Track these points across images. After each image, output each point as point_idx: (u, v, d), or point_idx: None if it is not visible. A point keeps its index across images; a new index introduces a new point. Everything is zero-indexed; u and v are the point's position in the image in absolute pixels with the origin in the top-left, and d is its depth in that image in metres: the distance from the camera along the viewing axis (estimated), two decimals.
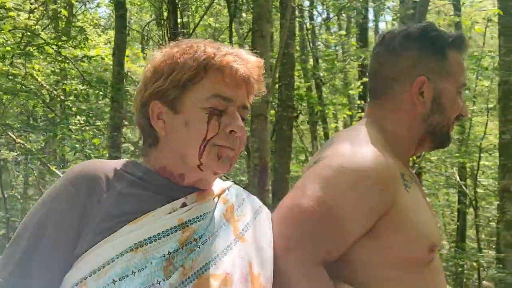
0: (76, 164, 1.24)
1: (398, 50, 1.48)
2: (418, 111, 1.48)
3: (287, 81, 6.56)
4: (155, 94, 1.20)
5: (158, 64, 1.21)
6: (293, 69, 6.74)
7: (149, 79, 1.21)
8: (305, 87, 10.44)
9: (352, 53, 10.75)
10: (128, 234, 1.11)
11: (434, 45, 1.48)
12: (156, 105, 1.20)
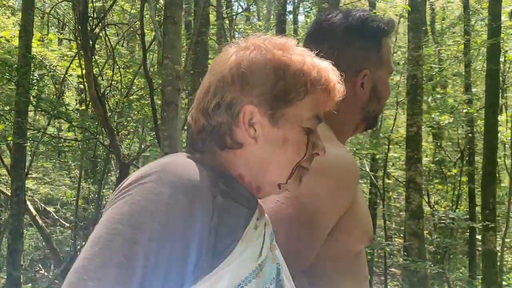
0: (161, 163, 1.01)
1: (339, 44, 1.46)
2: (358, 101, 1.49)
3: (201, 70, 6.50)
4: (253, 99, 1.07)
5: (259, 65, 1.07)
6: (207, 57, 6.69)
7: (246, 79, 1.06)
8: None
9: None
10: (242, 255, 0.99)
11: (374, 37, 1.49)
12: (251, 110, 1.07)
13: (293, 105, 1.08)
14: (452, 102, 12.09)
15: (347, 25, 1.46)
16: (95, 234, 0.93)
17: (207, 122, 1.09)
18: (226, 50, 1.13)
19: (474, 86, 13.80)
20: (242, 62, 1.07)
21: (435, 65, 12.06)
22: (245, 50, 1.09)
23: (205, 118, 1.09)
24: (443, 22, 16.86)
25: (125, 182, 1.00)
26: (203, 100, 1.09)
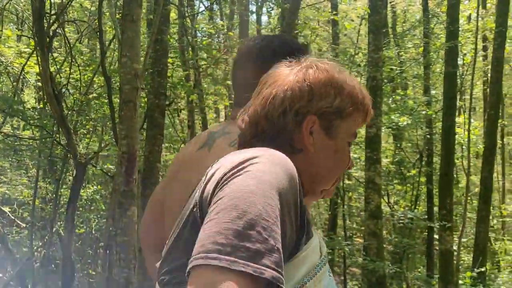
0: (260, 150, 1.09)
1: (266, 64, 1.50)
2: None
3: (160, 68, 6.44)
4: (317, 110, 1.20)
5: (323, 82, 1.21)
6: (166, 56, 6.63)
7: (311, 92, 1.20)
8: (183, 75, 10.34)
9: (232, 44, 10.78)
10: (313, 241, 1.10)
11: (287, 55, 1.48)
12: (313, 120, 1.20)
13: (344, 120, 1.23)
14: (411, 103, 12.27)
15: (272, 48, 1.60)
16: (226, 206, 0.95)
17: (270, 127, 1.20)
18: (281, 67, 1.27)
19: (434, 88, 14.05)
20: (308, 77, 1.21)
21: (395, 67, 12.22)
22: (308, 68, 1.23)
23: (269, 122, 1.20)
24: (404, 25, 17.11)
25: (228, 165, 1.05)
26: (267, 107, 1.19)
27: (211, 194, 1.01)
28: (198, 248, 0.92)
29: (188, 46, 9.90)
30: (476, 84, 17.90)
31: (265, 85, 1.24)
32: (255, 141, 1.20)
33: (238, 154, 1.09)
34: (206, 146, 1.61)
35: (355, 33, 15.11)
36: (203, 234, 0.93)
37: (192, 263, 0.90)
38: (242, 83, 1.64)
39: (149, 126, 6.41)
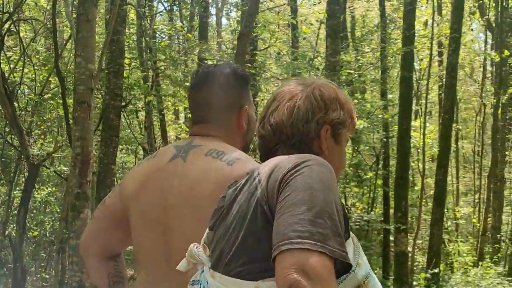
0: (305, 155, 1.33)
1: (224, 86, 1.82)
2: (242, 132, 1.85)
3: (116, 69, 6.36)
4: (330, 121, 1.48)
5: (333, 99, 1.50)
6: (122, 57, 6.55)
7: (327, 106, 1.48)
8: (141, 77, 10.25)
9: (191, 46, 10.74)
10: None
11: (246, 82, 1.88)
12: (327, 129, 1.48)
13: (345, 129, 1.53)
14: (369, 107, 12.43)
15: (226, 73, 1.84)
16: (295, 201, 1.15)
17: (295, 134, 1.45)
18: (292, 85, 1.53)
19: (390, 92, 14.26)
20: (323, 94, 1.49)
21: (352, 71, 12.36)
22: (320, 86, 1.51)
23: (294, 130, 1.45)
24: (363, 29, 17.33)
25: (283, 168, 1.24)
26: (293, 117, 1.45)
27: (276, 193, 1.20)
28: (281, 236, 1.11)
29: (146, 47, 9.82)
30: (432, 88, 18.28)
31: (283, 100, 1.49)
32: (280, 146, 1.47)
33: (286, 158, 1.30)
34: (179, 157, 1.75)
35: (315, 37, 15.24)
36: (282, 225, 1.13)
37: (279, 249, 1.09)
38: (201, 103, 1.83)
39: (104, 127, 6.33)
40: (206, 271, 1.32)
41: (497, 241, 16.84)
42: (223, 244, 1.28)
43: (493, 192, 16.86)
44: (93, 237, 1.91)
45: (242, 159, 1.68)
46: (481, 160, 19.17)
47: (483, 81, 19.06)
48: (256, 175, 1.30)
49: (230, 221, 1.29)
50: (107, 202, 1.90)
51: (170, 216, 1.68)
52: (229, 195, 1.37)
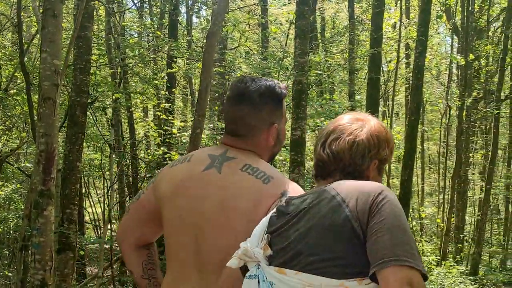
0: (379, 185, 1.65)
1: (258, 104, 2.00)
2: (269, 145, 2.05)
3: (83, 65, 6.30)
4: (380, 157, 1.79)
5: (383, 138, 1.81)
6: (89, 53, 6.49)
7: (378, 144, 1.78)
8: (110, 73, 10.17)
9: (160, 43, 10.69)
10: None
11: (279, 100, 2.04)
12: (376, 164, 1.79)
13: (386, 164, 1.87)
14: (337, 108, 12.53)
15: (261, 92, 2.01)
16: (396, 220, 1.51)
17: (352, 164, 1.75)
18: (348, 121, 1.82)
19: (359, 93, 14.43)
20: (379, 135, 1.79)
21: (320, 72, 12.44)
22: (374, 125, 1.81)
23: (352, 161, 1.75)
24: (333, 31, 17.47)
25: (370, 193, 1.57)
26: (352, 150, 1.75)
27: (369, 216, 1.52)
28: (388, 253, 1.44)
29: (115, 44, 9.75)
30: (399, 90, 18.55)
31: (344, 133, 1.77)
32: (337, 171, 1.76)
33: (365, 184, 1.64)
34: (213, 167, 1.97)
35: (285, 37, 15.31)
36: (384, 244, 1.46)
37: (389, 263, 1.43)
38: (236, 118, 2.04)
39: (70, 124, 6.26)
40: (265, 267, 1.62)
41: (460, 241, 17.19)
42: (299, 246, 1.59)
43: (457, 192, 17.20)
44: (129, 229, 2.18)
45: (275, 178, 1.91)
46: (445, 161, 19.55)
47: (449, 84, 19.39)
48: (335, 194, 1.60)
49: (306, 228, 1.60)
50: (141, 198, 2.16)
51: (203, 222, 1.90)
52: (295, 205, 1.68)
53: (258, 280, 1.62)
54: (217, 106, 12.01)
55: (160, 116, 10.70)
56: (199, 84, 7.07)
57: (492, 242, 23.78)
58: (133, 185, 10.81)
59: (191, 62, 11.28)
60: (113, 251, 7.68)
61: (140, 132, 13.32)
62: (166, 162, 9.47)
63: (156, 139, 11.01)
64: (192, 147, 6.89)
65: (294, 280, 1.55)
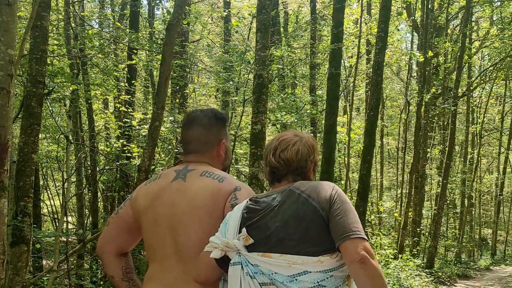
0: (328, 183, 2.21)
1: (208, 126, 2.51)
2: (221, 159, 2.54)
3: (39, 56, 6.17)
4: (315, 160, 2.33)
5: (315, 145, 2.36)
6: (45, 43, 6.36)
7: (314, 151, 2.33)
8: (68, 64, 10.01)
9: (120, 35, 10.56)
10: None
11: (222, 122, 2.56)
12: (313, 166, 2.33)
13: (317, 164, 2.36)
14: (298, 102, 12.61)
15: (209, 116, 2.53)
16: (348, 206, 2.08)
17: (299, 167, 2.26)
18: (290, 135, 2.34)
19: (320, 88, 14.54)
20: (312, 144, 2.32)
21: (280, 66, 12.49)
22: (308, 137, 2.35)
23: (299, 165, 2.25)
24: (296, 25, 17.54)
25: (327, 190, 2.12)
26: (299, 156, 2.26)
27: (330, 205, 2.05)
28: (347, 230, 1.98)
29: (73, 34, 9.59)
30: (359, 86, 18.77)
31: (289, 144, 2.27)
32: (288, 174, 2.26)
33: (321, 183, 2.17)
34: (179, 178, 2.42)
35: (247, 30, 15.31)
36: (344, 224, 2.00)
37: (348, 237, 1.96)
38: (190, 139, 2.51)
39: (25, 115, 6.12)
40: (246, 254, 2.07)
41: (417, 235, 17.53)
42: (281, 234, 2.05)
43: (414, 187, 17.52)
44: (109, 239, 2.55)
45: (227, 178, 2.39)
46: (404, 156, 19.87)
47: (409, 80, 19.71)
48: (300, 192, 2.12)
49: (284, 219, 2.07)
50: (120, 212, 2.55)
51: (177, 222, 2.32)
52: (266, 202, 2.16)
53: (242, 266, 2.06)
54: (178, 99, 11.94)
55: (119, 108, 10.59)
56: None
57: (448, 235, 24.35)
58: (92, 177, 10.68)
59: (152, 54, 11.18)
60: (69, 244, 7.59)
61: (100, 124, 13.16)
62: (125, 155, 9.39)
63: (116, 131, 10.90)
64: (151, 140, 6.85)
65: (279, 260, 2.02)
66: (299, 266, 2.00)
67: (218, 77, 13.79)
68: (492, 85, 23.85)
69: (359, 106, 24.32)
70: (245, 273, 2.05)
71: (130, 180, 9.47)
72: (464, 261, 21.01)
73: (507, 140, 27.46)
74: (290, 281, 1.99)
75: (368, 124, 11.49)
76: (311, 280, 1.99)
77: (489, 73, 20.91)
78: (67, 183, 6.86)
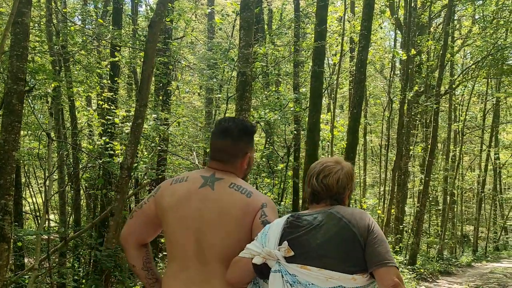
0: (360, 211, 2.52)
1: (237, 139, 2.69)
2: (243, 170, 2.75)
3: (20, 52, 6.12)
4: (351, 188, 2.60)
5: (351, 174, 2.64)
6: (27, 39, 6.30)
7: (351, 179, 2.62)
8: (50, 61, 9.92)
9: (103, 31, 10.50)
10: None
11: (251, 135, 2.77)
12: (349, 193, 2.61)
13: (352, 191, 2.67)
14: (282, 100, 12.62)
15: (239, 129, 2.71)
16: (382, 236, 2.38)
17: (338, 193, 2.52)
18: (331, 163, 2.59)
19: (304, 86, 14.56)
20: (351, 173, 2.59)
21: (264, 64, 12.50)
22: (347, 165, 2.60)
23: (338, 190, 2.52)
24: (280, 23, 17.54)
25: (365, 218, 2.41)
26: (339, 184, 2.53)
27: (368, 233, 2.34)
28: (382, 258, 2.29)
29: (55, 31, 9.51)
30: (343, 83, 18.83)
31: (331, 172, 2.53)
32: (327, 198, 2.51)
33: (357, 210, 2.47)
34: (207, 185, 2.63)
35: (231, 28, 15.29)
36: (382, 252, 2.30)
37: (385, 264, 2.28)
38: (219, 148, 2.70)
39: (6, 112, 6.07)
40: (285, 264, 2.33)
41: (399, 232, 17.65)
42: (321, 252, 2.32)
43: (397, 184, 17.63)
44: (132, 231, 2.77)
45: (254, 192, 2.62)
46: (387, 153, 19.98)
47: (392, 78, 19.82)
48: (341, 217, 2.38)
49: (325, 238, 2.33)
50: (144, 207, 2.75)
51: (204, 226, 2.54)
52: (308, 221, 2.41)
53: (282, 274, 2.33)
54: (161, 96, 11.90)
55: (102, 106, 10.52)
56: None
57: (430, 232, 24.54)
58: (74, 175, 10.62)
59: (135, 51, 11.12)
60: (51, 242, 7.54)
61: (82, 121, 13.07)
62: (108, 152, 9.34)
63: (98, 128, 10.83)
64: (133, 137, 6.83)
65: (318, 274, 2.30)
66: (335, 281, 2.29)
67: (202, 75, 13.77)
68: (474, 83, 24.05)
69: (342, 103, 24.40)
70: (284, 281, 2.33)
71: (113, 177, 9.43)
72: (446, 258, 21.19)
73: (488, 137, 27.75)
74: None
75: (351, 122, 11.52)
76: None
77: (471, 71, 21.08)
78: (48, 181, 6.81)
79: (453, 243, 25.15)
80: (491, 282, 15.10)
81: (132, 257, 2.79)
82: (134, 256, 2.79)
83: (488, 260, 23.29)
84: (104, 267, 6.32)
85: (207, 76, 12.97)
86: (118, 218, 6.49)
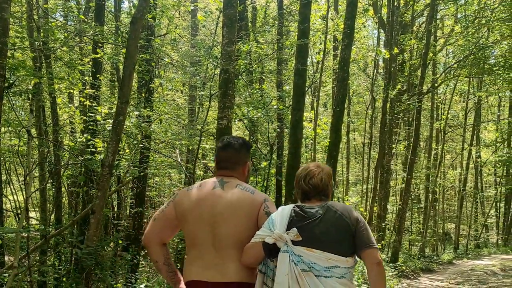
0: (344, 205, 3.15)
1: (238, 150, 3.33)
2: (244, 176, 3.36)
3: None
4: (332, 185, 3.29)
5: (331, 173, 3.31)
6: (6, 35, 6.24)
7: (331, 178, 3.26)
8: (31, 57, 9.82)
9: (84, 27, 10.40)
10: None
11: (249, 149, 3.40)
12: (331, 188, 3.28)
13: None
14: (265, 97, 12.61)
15: (240, 143, 3.37)
16: (367, 225, 3.06)
17: (324, 190, 3.15)
18: (313, 167, 3.24)
19: (287, 84, 14.56)
20: (330, 172, 3.23)
21: (247, 61, 12.47)
22: (325, 168, 3.24)
23: (323, 188, 3.15)
24: (264, 21, 17.51)
25: (349, 211, 3.05)
26: (323, 182, 3.15)
27: (356, 223, 2.97)
28: (368, 241, 2.97)
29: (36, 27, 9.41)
30: (326, 82, 18.87)
31: (315, 174, 3.16)
32: (316, 195, 3.12)
33: (342, 205, 3.09)
34: (218, 187, 3.21)
35: (214, 25, 15.24)
36: (368, 237, 2.98)
37: (370, 246, 2.96)
38: (225, 159, 3.31)
39: None
40: (292, 246, 2.92)
41: (382, 229, 17.75)
42: (324, 238, 2.93)
43: (379, 182, 17.72)
44: (155, 232, 3.27)
45: (255, 190, 3.23)
46: (370, 152, 20.06)
47: (375, 76, 19.90)
48: (336, 210, 3.01)
49: (326, 227, 2.95)
50: (165, 211, 3.28)
51: (218, 219, 3.10)
52: (311, 213, 3.01)
53: (289, 254, 2.91)
54: (144, 93, 11.83)
55: (84, 103, 10.44)
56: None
57: (412, 230, 24.72)
58: (55, 172, 10.52)
59: (117, 48, 11.04)
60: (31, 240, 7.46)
61: (64, 118, 12.96)
62: (89, 150, 9.27)
63: (80, 125, 10.74)
64: (115, 135, 6.78)
65: (320, 255, 2.90)
66: (333, 261, 2.91)
67: (185, 72, 13.72)
68: (456, 82, 24.25)
69: (326, 102, 24.48)
70: (290, 260, 2.90)
71: (95, 175, 9.36)
72: (427, 255, 21.36)
73: (470, 136, 27.99)
74: (324, 270, 2.90)
75: (334, 120, 11.54)
76: (339, 272, 2.93)
77: (453, 70, 21.24)
78: (28, 178, 6.74)
79: (435, 241, 25.36)
80: (472, 279, 15.23)
81: (155, 254, 3.29)
82: (157, 253, 3.29)
83: (469, 258, 23.50)
84: (85, 265, 6.28)
85: (190, 73, 12.92)
86: (99, 215, 6.44)
